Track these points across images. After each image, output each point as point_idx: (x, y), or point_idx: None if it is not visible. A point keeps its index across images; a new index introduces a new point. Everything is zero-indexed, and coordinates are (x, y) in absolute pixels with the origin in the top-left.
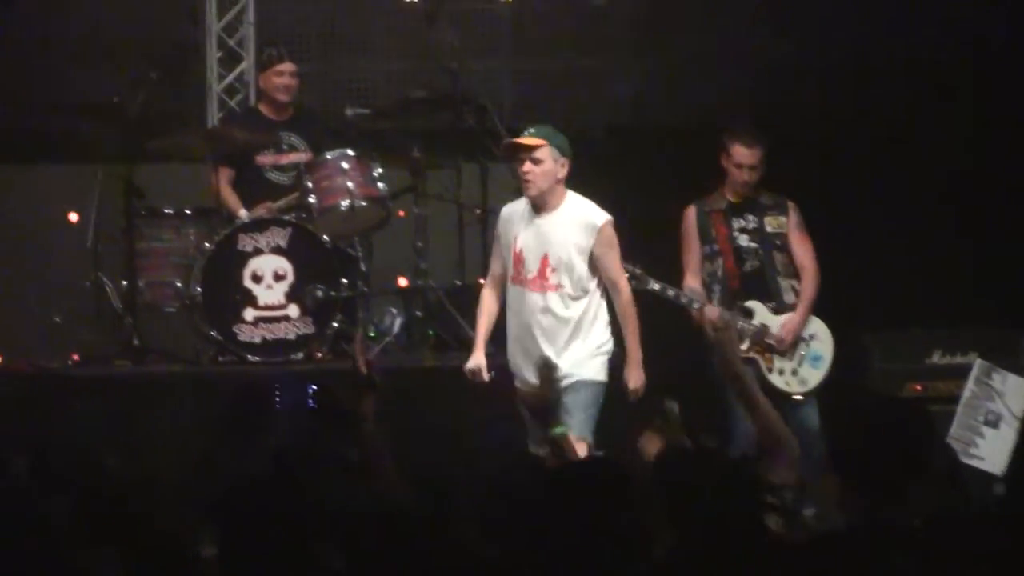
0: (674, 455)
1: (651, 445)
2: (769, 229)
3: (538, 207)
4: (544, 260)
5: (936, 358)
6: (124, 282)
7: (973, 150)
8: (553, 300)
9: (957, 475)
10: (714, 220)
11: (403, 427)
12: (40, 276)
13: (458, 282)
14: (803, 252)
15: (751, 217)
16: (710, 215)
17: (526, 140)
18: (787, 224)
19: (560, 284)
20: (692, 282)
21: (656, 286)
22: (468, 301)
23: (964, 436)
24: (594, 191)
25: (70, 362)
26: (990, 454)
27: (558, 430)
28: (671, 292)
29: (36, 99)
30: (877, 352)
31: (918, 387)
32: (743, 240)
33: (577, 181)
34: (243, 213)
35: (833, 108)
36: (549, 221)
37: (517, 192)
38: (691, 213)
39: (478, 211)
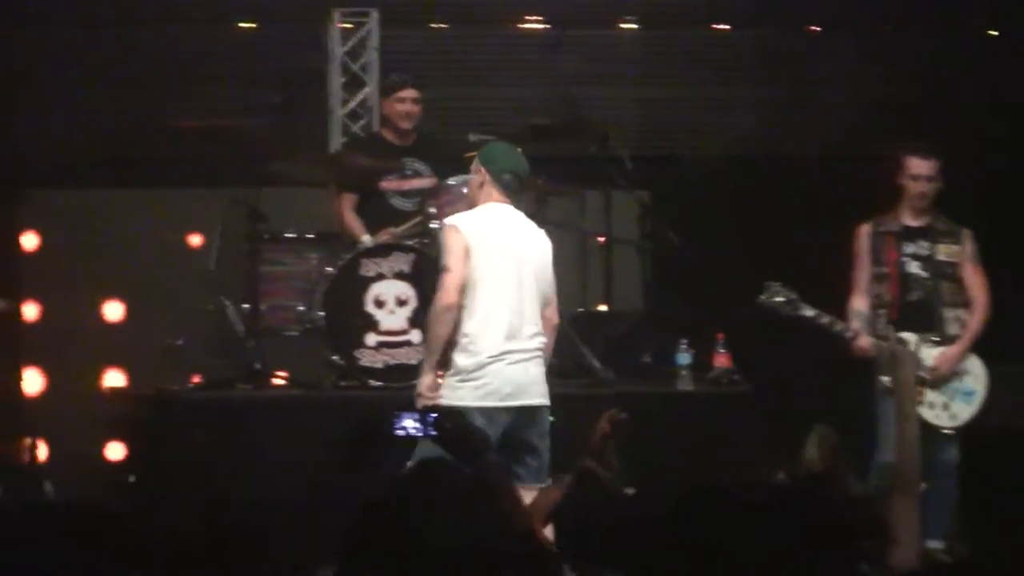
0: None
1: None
2: (941, 257)
3: None
4: None
5: None
6: (246, 306)
7: None
8: None
9: None
10: (886, 242)
11: None
12: (163, 300)
13: (580, 309)
14: (976, 284)
15: (924, 243)
16: (884, 236)
17: None
18: (961, 254)
19: None
20: (858, 303)
21: (810, 312)
22: (591, 328)
23: None
24: (720, 219)
25: (191, 385)
26: None
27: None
28: (825, 320)
29: (160, 124)
30: (1005, 384)
31: None
32: (913, 267)
33: (702, 208)
34: (366, 238)
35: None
36: None
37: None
38: (864, 232)
39: (601, 239)
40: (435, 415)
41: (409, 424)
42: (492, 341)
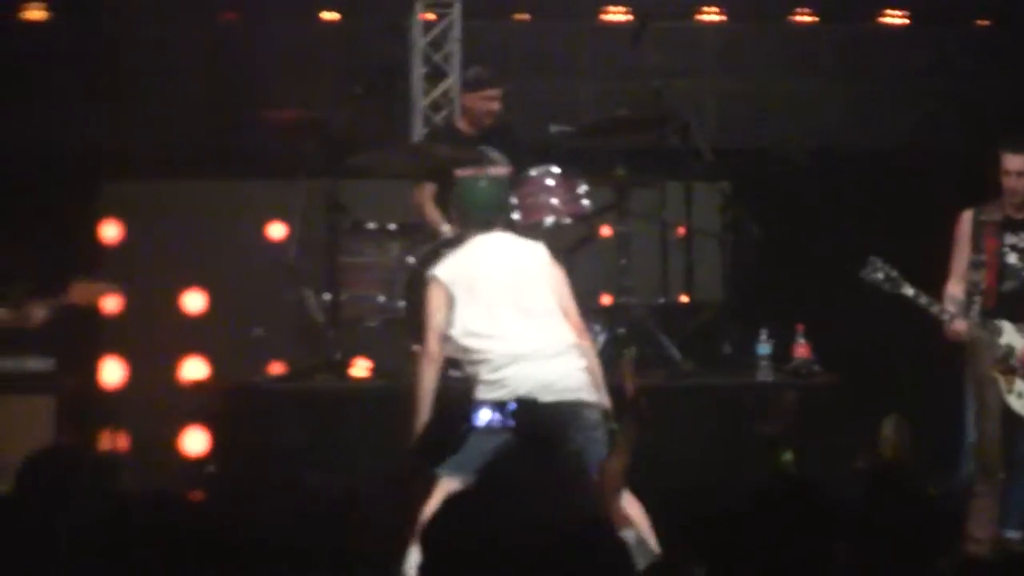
0: (887, 477)
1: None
2: None
3: None
4: None
5: None
6: (327, 296)
7: None
8: None
9: None
10: (987, 230)
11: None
12: (245, 290)
13: (661, 300)
14: None
15: None
16: (984, 225)
17: None
18: None
19: None
20: (954, 288)
21: (910, 291)
22: (671, 319)
23: None
24: (802, 211)
25: (272, 376)
26: None
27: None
28: (923, 300)
29: (242, 115)
30: None
31: None
32: (1011, 258)
33: (783, 200)
34: (445, 228)
35: None
36: None
37: (721, 211)
38: (966, 218)
39: (681, 230)
40: (514, 405)
41: (487, 415)
42: (502, 351)
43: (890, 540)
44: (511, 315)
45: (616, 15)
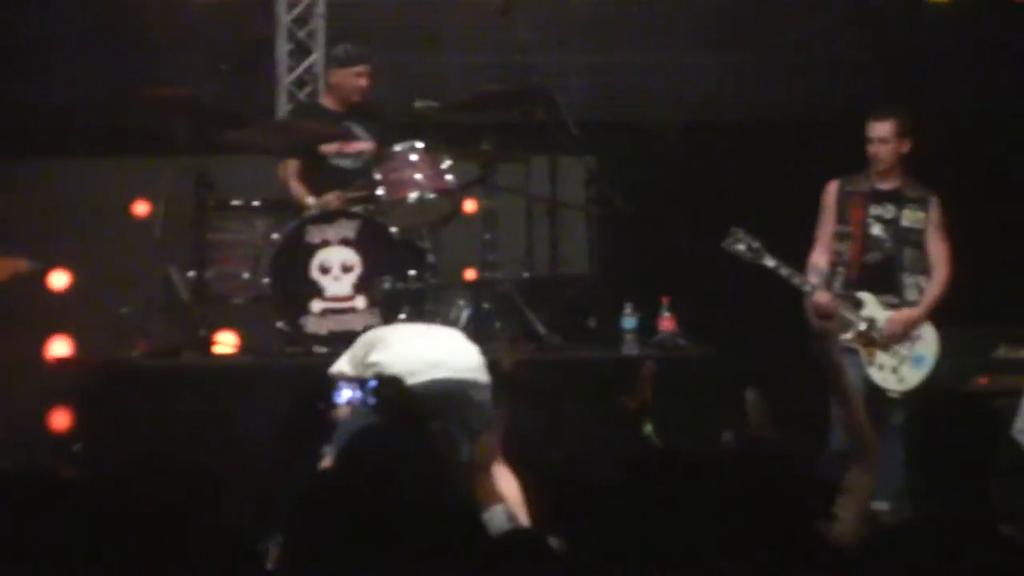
0: (752, 450)
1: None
2: (905, 223)
3: None
4: None
5: (1002, 352)
6: (192, 273)
7: None
8: None
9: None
10: (853, 201)
11: None
12: (110, 267)
13: (526, 275)
14: (938, 252)
15: (890, 207)
16: (851, 195)
17: None
18: (926, 220)
19: None
20: (819, 258)
21: (771, 262)
22: (536, 293)
23: None
24: (669, 185)
25: (138, 353)
26: None
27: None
28: (784, 271)
29: (107, 93)
30: (944, 346)
31: (984, 381)
32: (876, 229)
33: (651, 176)
34: (310, 201)
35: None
36: None
37: (586, 184)
38: (832, 189)
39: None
40: (375, 383)
41: (349, 393)
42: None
43: (761, 509)
44: None
45: None
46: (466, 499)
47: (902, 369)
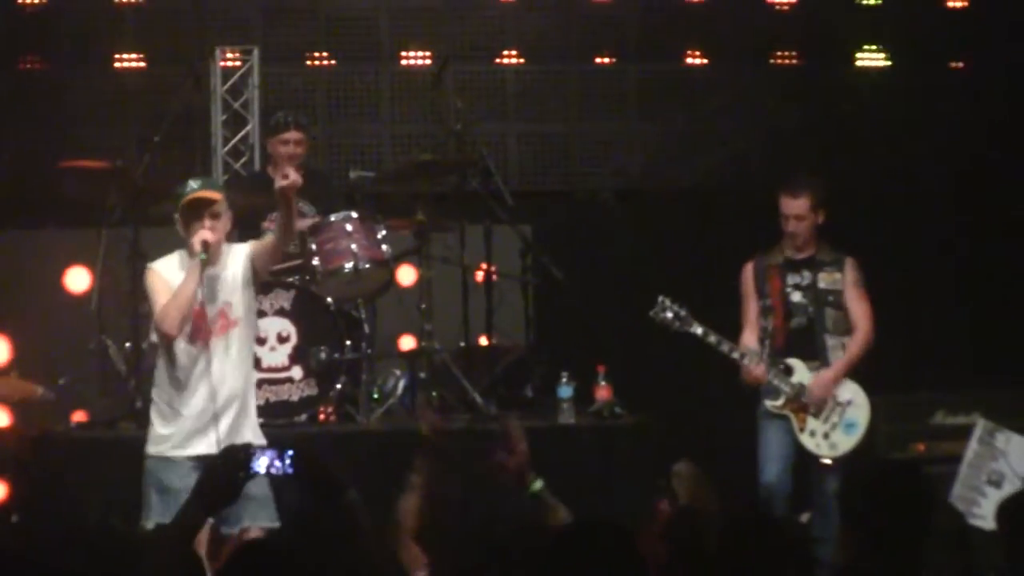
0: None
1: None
2: (822, 285)
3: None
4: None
5: (940, 418)
6: (128, 344)
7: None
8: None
9: (965, 537)
10: (770, 274)
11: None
12: (45, 339)
13: (462, 344)
14: (857, 310)
15: (807, 273)
16: (767, 269)
17: (209, 194)
18: (842, 281)
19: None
20: (748, 339)
21: (699, 330)
22: (473, 362)
23: (967, 496)
24: (604, 253)
25: (74, 425)
26: (993, 514)
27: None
28: (712, 338)
29: (41, 164)
30: (882, 412)
31: (921, 447)
32: (796, 296)
33: (588, 244)
34: None
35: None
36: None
37: (521, 253)
38: (749, 268)
39: (482, 273)
40: (292, 452)
41: (266, 462)
42: None
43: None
44: None
45: (416, 59)
46: (390, 567)
47: (833, 435)
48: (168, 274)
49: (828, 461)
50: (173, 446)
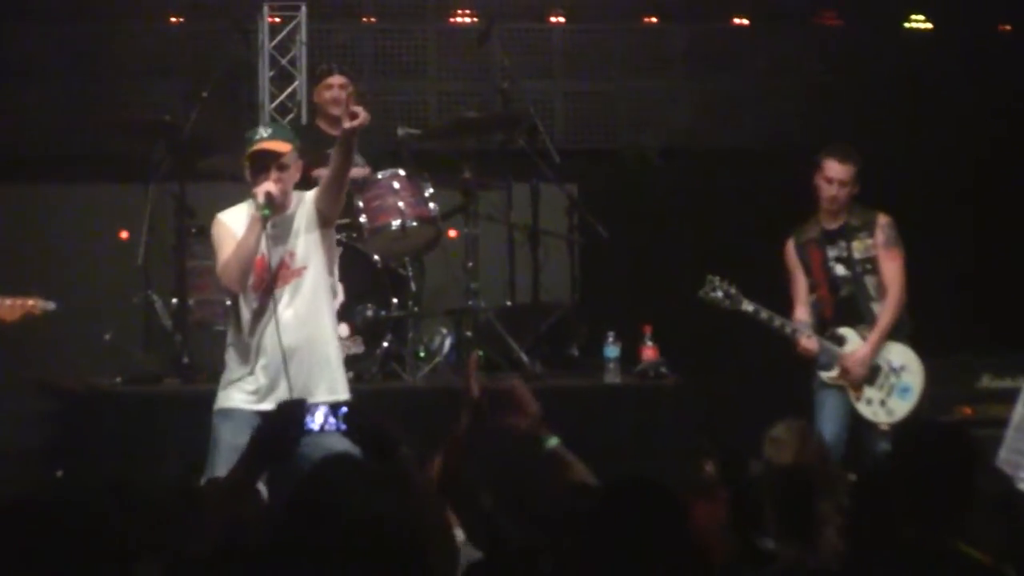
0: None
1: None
2: (856, 255)
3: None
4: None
5: (986, 381)
6: (174, 300)
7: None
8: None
9: (1012, 500)
10: (810, 250)
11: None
12: (91, 294)
13: (508, 303)
14: (887, 272)
15: (842, 243)
16: (806, 246)
17: (277, 146)
18: (874, 245)
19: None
20: (801, 313)
21: (750, 307)
22: (518, 321)
23: (1013, 459)
24: (650, 212)
25: (119, 380)
26: None
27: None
28: (764, 315)
29: (88, 118)
30: (927, 376)
31: (968, 410)
32: (839, 269)
33: (633, 203)
34: None
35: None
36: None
37: (567, 211)
38: (790, 246)
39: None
40: (345, 408)
41: (320, 419)
42: None
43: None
44: None
45: (463, 17)
46: (442, 524)
47: (889, 401)
48: (235, 225)
49: (886, 427)
50: (243, 400)
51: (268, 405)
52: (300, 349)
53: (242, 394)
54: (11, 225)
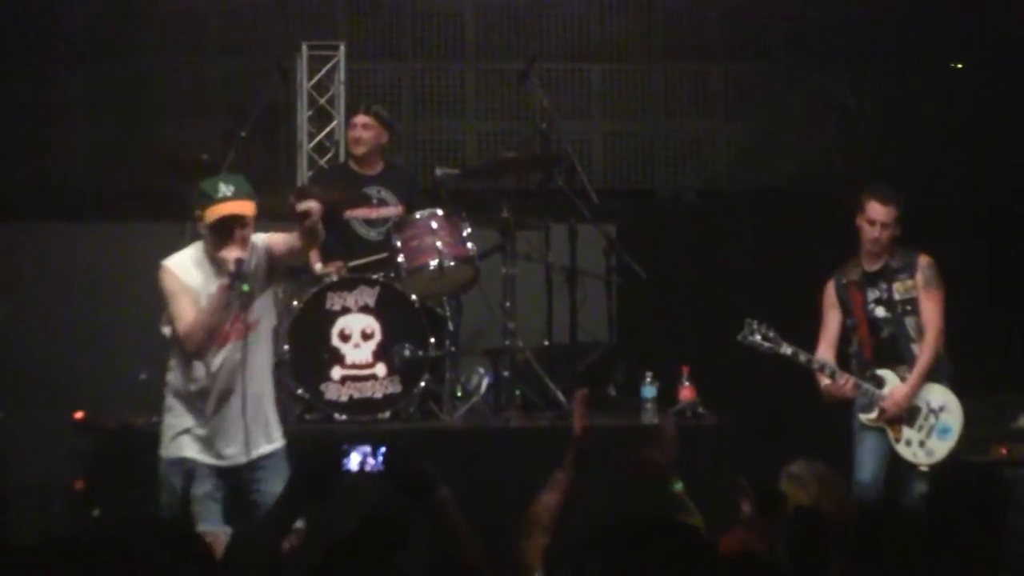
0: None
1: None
2: (897, 296)
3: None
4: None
5: (1021, 421)
6: None
7: None
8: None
9: None
10: (851, 291)
11: (490, 488)
12: (129, 333)
13: (546, 342)
14: (926, 312)
15: (883, 285)
16: (847, 287)
17: (243, 208)
18: (914, 287)
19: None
20: (826, 353)
21: (789, 350)
22: (556, 362)
23: None
24: (688, 253)
25: (155, 419)
26: None
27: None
28: (803, 357)
29: (128, 158)
30: (963, 415)
31: (1003, 450)
32: (879, 311)
33: (671, 243)
34: (318, 267)
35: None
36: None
37: (605, 251)
38: (831, 287)
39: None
40: (384, 449)
41: (358, 459)
42: None
43: None
44: None
45: (502, 58)
46: (482, 565)
47: (929, 442)
48: (183, 274)
49: (926, 468)
50: (198, 452)
51: (224, 461)
52: (255, 398)
53: (197, 444)
54: (50, 261)
